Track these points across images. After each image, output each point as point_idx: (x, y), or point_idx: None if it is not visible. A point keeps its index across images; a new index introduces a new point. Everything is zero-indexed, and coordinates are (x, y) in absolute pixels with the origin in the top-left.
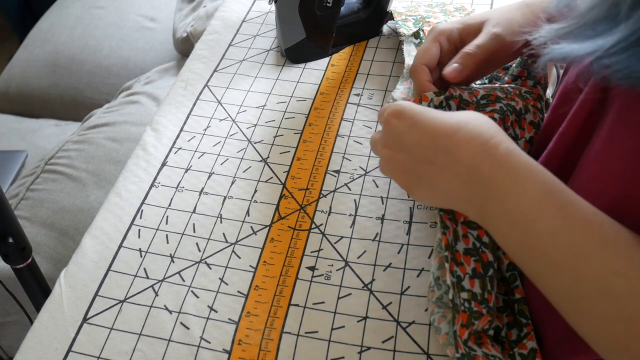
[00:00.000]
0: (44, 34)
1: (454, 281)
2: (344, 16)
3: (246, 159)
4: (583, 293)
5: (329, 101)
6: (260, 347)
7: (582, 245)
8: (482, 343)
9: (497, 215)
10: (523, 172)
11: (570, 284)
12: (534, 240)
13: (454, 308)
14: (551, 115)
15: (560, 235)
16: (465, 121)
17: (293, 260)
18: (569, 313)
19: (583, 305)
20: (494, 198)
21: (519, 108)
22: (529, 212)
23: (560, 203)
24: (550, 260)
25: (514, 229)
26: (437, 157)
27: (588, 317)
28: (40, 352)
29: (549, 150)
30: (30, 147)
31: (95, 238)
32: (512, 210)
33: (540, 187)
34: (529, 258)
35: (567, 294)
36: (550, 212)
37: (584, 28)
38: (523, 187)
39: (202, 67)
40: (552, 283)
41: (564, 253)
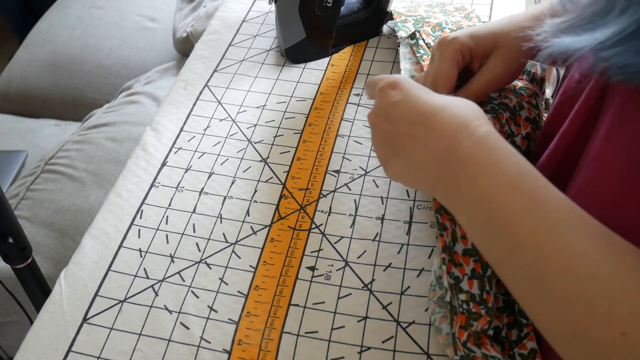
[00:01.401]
0: (44, 34)
1: (452, 283)
2: (344, 16)
3: (246, 159)
4: (545, 274)
5: (329, 101)
6: (260, 347)
7: (550, 226)
8: (481, 344)
9: (468, 193)
10: (500, 152)
11: (533, 265)
12: (502, 218)
13: (452, 310)
14: (553, 114)
15: (529, 214)
16: (452, 103)
17: (293, 260)
18: (528, 297)
19: (544, 287)
20: (467, 174)
21: (513, 105)
22: (500, 190)
23: (534, 185)
24: (516, 239)
25: (483, 206)
26: (418, 131)
27: (547, 299)
28: (40, 352)
29: (551, 149)
30: (30, 147)
31: (95, 238)
32: (484, 187)
33: (515, 168)
34: (494, 237)
35: (528, 275)
36: (522, 192)
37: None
38: (498, 166)
39: (202, 67)
40: (514, 264)
41: (531, 232)
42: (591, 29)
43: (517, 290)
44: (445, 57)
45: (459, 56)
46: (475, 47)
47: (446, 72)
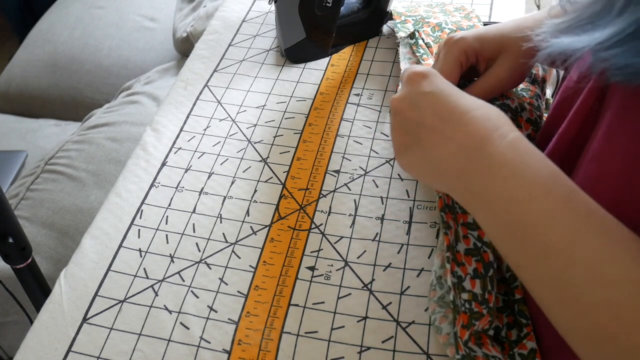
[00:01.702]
0: (44, 34)
1: (455, 282)
2: (344, 16)
3: (246, 159)
4: (573, 278)
5: (329, 101)
6: (260, 347)
7: (581, 230)
8: (482, 344)
9: (497, 193)
10: (533, 156)
11: (561, 269)
12: (532, 220)
13: (455, 309)
14: (552, 115)
15: (560, 217)
16: (485, 105)
17: (293, 260)
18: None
19: (571, 291)
20: (498, 175)
21: (515, 106)
22: (532, 193)
23: (566, 189)
24: (545, 242)
25: (513, 207)
26: (446, 127)
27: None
28: (40, 352)
29: (549, 150)
30: (30, 147)
31: (95, 238)
32: (515, 188)
33: (547, 171)
34: (522, 240)
35: (555, 279)
36: (554, 195)
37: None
38: (530, 167)
39: (202, 67)
40: (541, 268)
41: (561, 235)
42: (590, 30)
43: (542, 294)
44: (449, 57)
45: (463, 57)
46: (481, 49)
47: (448, 71)
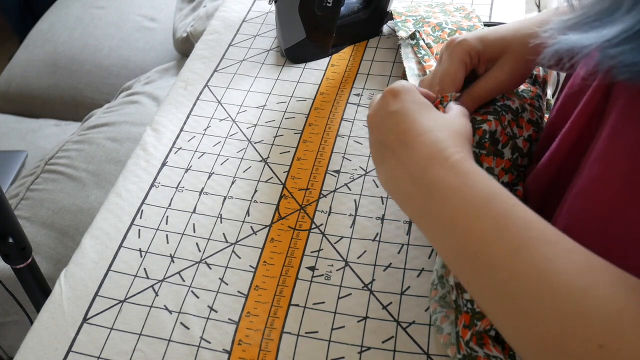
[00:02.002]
0: (44, 34)
1: (457, 282)
2: (344, 16)
3: (246, 159)
4: (521, 290)
5: (329, 101)
6: (260, 347)
7: (525, 242)
8: (483, 344)
9: (441, 214)
10: (472, 176)
11: (507, 282)
12: (474, 239)
13: (457, 309)
14: (556, 116)
15: (501, 232)
16: (438, 126)
17: (293, 260)
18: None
19: (518, 304)
20: (438, 196)
21: (515, 107)
22: (472, 211)
23: (506, 205)
24: (490, 258)
25: (456, 228)
26: (400, 149)
27: (522, 316)
28: (40, 352)
29: (552, 151)
30: (30, 147)
31: (95, 238)
32: (455, 209)
33: (486, 190)
34: (467, 258)
35: (502, 292)
36: (493, 211)
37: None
38: (470, 188)
39: (202, 67)
40: (487, 283)
41: (503, 249)
42: (598, 27)
43: (492, 309)
44: (453, 59)
45: (466, 58)
46: (483, 50)
47: (453, 73)
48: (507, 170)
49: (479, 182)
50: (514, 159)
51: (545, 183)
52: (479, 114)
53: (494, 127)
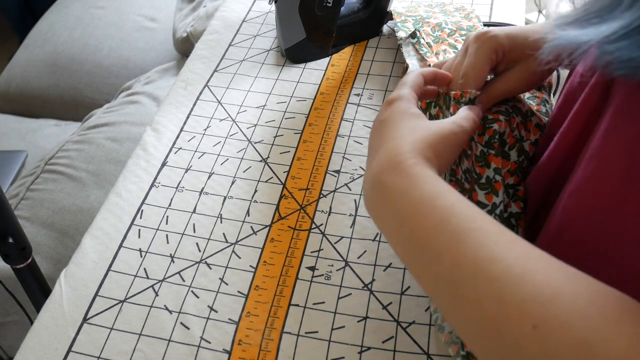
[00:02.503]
0: (44, 34)
1: None
2: (344, 16)
3: (246, 159)
4: (460, 278)
5: (329, 101)
6: (260, 347)
7: (464, 233)
8: None
9: (392, 215)
10: (420, 178)
11: (449, 270)
12: (421, 233)
13: None
14: (555, 115)
15: (444, 225)
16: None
17: (293, 260)
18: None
19: (458, 290)
20: (389, 199)
21: (525, 110)
22: (418, 209)
23: (450, 201)
24: (434, 249)
25: (405, 225)
26: (372, 154)
27: (462, 301)
28: (40, 352)
29: (551, 149)
30: (30, 147)
31: (95, 238)
32: (404, 208)
33: (432, 189)
34: (415, 252)
35: (446, 282)
36: (438, 208)
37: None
38: (417, 189)
39: (202, 67)
40: (434, 274)
41: (446, 240)
42: (597, 23)
43: (438, 299)
44: (481, 53)
45: (493, 55)
46: (509, 50)
47: (480, 68)
48: (512, 172)
49: (425, 183)
50: (520, 161)
51: (545, 182)
52: (490, 112)
53: (503, 129)
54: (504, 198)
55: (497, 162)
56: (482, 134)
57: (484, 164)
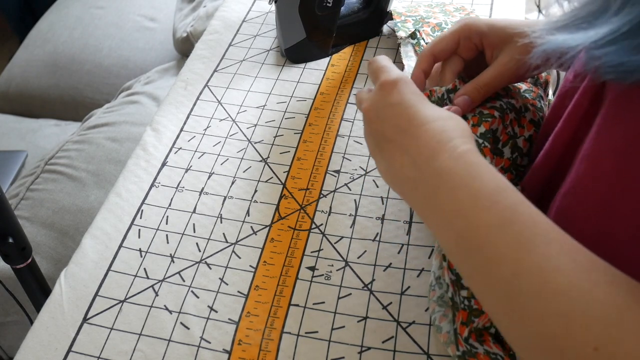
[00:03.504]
0: (44, 34)
1: (454, 279)
2: (344, 16)
3: (246, 159)
4: (520, 289)
5: (329, 101)
6: (260, 347)
7: (527, 239)
8: (483, 340)
9: (445, 204)
10: (479, 168)
11: (508, 279)
12: (479, 230)
13: (454, 306)
14: (550, 115)
15: (507, 227)
16: (442, 116)
17: (293, 260)
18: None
19: (519, 302)
20: (445, 186)
21: (519, 106)
22: (478, 203)
23: (512, 200)
24: (493, 252)
25: (460, 218)
26: (404, 137)
27: (523, 314)
28: (40, 352)
29: (546, 150)
30: (30, 147)
31: (95, 238)
32: (462, 199)
33: (494, 183)
34: (470, 250)
35: (503, 290)
36: (500, 206)
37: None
38: (478, 180)
39: (202, 67)
40: (490, 277)
41: (508, 245)
42: (585, 28)
43: (491, 304)
44: (452, 29)
45: (465, 32)
46: (487, 33)
47: (441, 36)
48: (506, 169)
49: (486, 174)
50: (514, 158)
51: (540, 183)
52: (485, 108)
53: (496, 125)
54: None
55: (492, 157)
56: (478, 125)
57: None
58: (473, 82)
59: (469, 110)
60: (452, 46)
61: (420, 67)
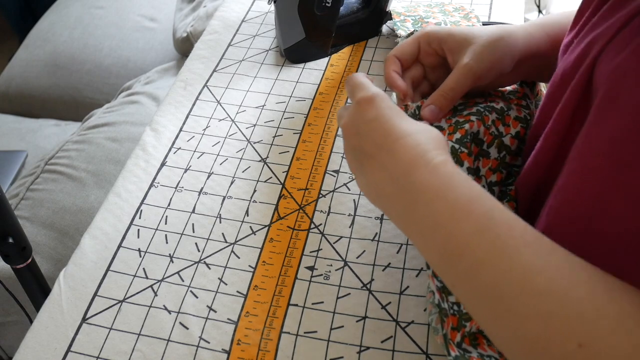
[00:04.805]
0: (44, 34)
1: (440, 286)
2: (344, 16)
3: (245, 159)
4: (503, 291)
5: (329, 101)
6: (259, 347)
7: (505, 244)
8: (478, 344)
9: (424, 217)
10: (454, 178)
11: (490, 283)
12: (457, 240)
13: (442, 312)
14: (540, 115)
15: (484, 234)
16: (417, 130)
17: (292, 260)
18: (487, 317)
19: (501, 306)
20: (422, 200)
21: (500, 107)
22: (455, 214)
23: (486, 207)
24: (473, 259)
25: (439, 230)
26: (381, 153)
27: (506, 316)
28: (40, 352)
29: (536, 151)
30: (30, 147)
31: (94, 238)
32: (439, 211)
33: (468, 193)
34: (451, 259)
35: (486, 293)
36: (476, 214)
37: None
38: (452, 191)
39: (201, 67)
40: (472, 284)
41: (486, 251)
42: None
43: (476, 310)
44: (412, 37)
45: (423, 39)
46: (446, 39)
47: (403, 42)
48: (494, 169)
49: (460, 184)
50: (501, 157)
51: (534, 182)
52: (461, 116)
53: (476, 128)
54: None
55: (470, 162)
56: (454, 132)
57: (457, 161)
58: (437, 90)
59: (437, 119)
60: (412, 49)
61: (391, 69)
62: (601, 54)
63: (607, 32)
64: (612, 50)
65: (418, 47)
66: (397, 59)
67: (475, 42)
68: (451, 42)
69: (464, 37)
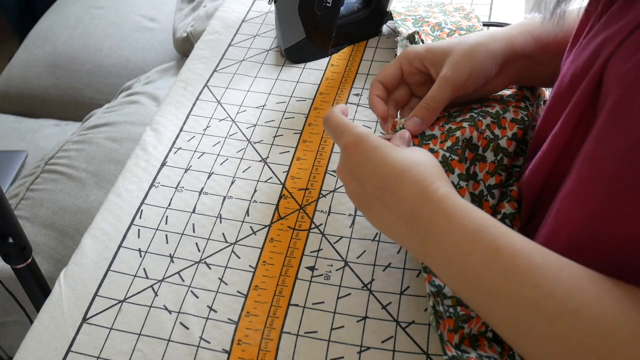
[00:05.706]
0: (44, 34)
1: (434, 290)
2: (344, 16)
3: (246, 159)
4: (520, 317)
5: (329, 101)
6: (259, 347)
7: (514, 272)
8: (478, 345)
9: (436, 253)
10: (457, 212)
11: (507, 310)
12: (470, 273)
13: (437, 314)
14: (545, 117)
15: (492, 265)
16: (412, 164)
17: (292, 260)
18: (512, 338)
19: (521, 329)
20: (431, 237)
21: (495, 111)
22: (462, 248)
23: (491, 237)
24: (487, 290)
25: (451, 265)
26: (384, 195)
27: (527, 340)
28: (40, 352)
29: (542, 152)
30: (30, 147)
31: (95, 238)
32: (447, 247)
33: (472, 225)
34: (468, 290)
35: (506, 319)
36: (481, 246)
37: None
38: (457, 224)
39: (201, 67)
40: (492, 311)
41: (497, 282)
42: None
43: (501, 332)
44: (394, 60)
45: (404, 60)
46: (425, 55)
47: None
48: (492, 172)
49: (463, 217)
50: (498, 160)
51: (538, 183)
52: (454, 123)
53: (468, 134)
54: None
55: (461, 169)
56: (445, 140)
57: (447, 169)
58: (421, 102)
59: (420, 130)
60: (395, 72)
61: (374, 94)
62: (612, 56)
63: (618, 34)
64: (624, 53)
65: (400, 69)
66: (380, 83)
67: (453, 52)
68: (431, 58)
69: (443, 50)
